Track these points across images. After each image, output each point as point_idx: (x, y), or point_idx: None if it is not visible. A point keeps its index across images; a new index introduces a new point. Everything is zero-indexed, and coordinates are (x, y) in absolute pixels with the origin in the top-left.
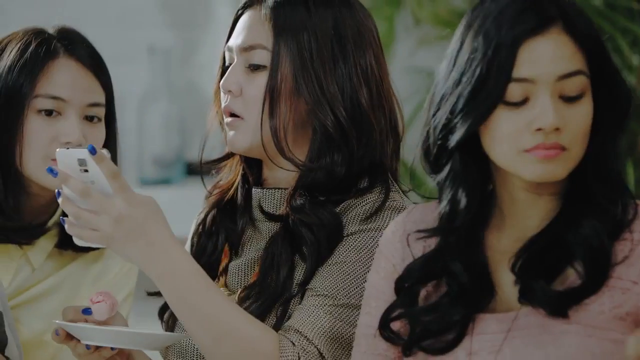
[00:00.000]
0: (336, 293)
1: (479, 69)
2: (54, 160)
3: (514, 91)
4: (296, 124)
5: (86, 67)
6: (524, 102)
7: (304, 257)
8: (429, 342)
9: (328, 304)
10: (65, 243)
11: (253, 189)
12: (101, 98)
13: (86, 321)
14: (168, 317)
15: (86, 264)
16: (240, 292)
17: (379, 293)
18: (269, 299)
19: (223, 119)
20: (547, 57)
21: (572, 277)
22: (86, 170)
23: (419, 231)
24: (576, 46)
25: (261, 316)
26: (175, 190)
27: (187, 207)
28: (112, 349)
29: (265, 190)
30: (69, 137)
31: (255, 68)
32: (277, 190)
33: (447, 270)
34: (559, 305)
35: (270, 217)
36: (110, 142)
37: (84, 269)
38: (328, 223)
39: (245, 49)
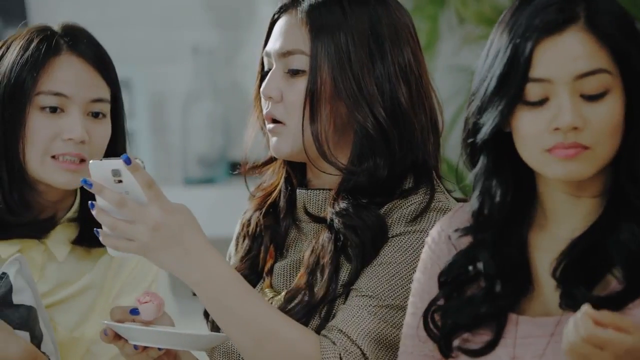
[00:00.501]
0: (381, 294)
1: (499, 68)
2: (56, 160)
3: (532, 91)
4: (337, 127)
5: (89, 63)
6: (543, 101)
7: (349, 258)
8: (464, 341)
9: (372, 305)
10: (85, 239)
11: (297, 190)
12: (105, 94)
13: (133, 321)
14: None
15: (108, 258)
16: (286, 294)
17: (425, 294)
18: (313, 300)
19: (264, 124)
20: (563, 56)
21: (613, 282)
22: (120, 181)
23: (455, 230)
24: (598, 44)
25: (306, 317)
26: (219, 189)
27: (231, 206)
28: (159, 349)
29: (309, 191)
30: (71, 134)
31: (294, 73)
32: (321, 191)
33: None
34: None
35: (314, 218)
36: (119, 139)
37: (107, 263)
38: (372, 225)
39: (284, 54)
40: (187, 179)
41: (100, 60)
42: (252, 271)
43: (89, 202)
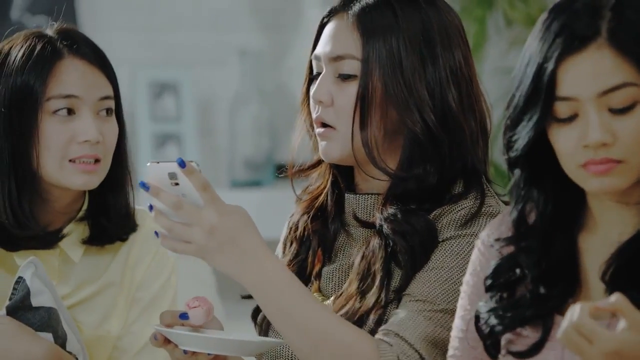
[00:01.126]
0: (435, 298)
1: (525, 87)
2: (74, 163)
3: (561, 109)
4: (387, 132)
5: (92, 63)
6: (573, 118)
7: (399, 263)
8: (511, 342)
9: (427, 310)
10: (96, 237)
11: (346, 195)
12: (110, 91)
13: (182, 325)
14: (261, 320)
15: (123, 254)
16: (335, 298)
17: (474, 296)
18: (365, 307)
19: (312, 128)
20: (586, 74)
21: None
22: (177, 184)
23: (497, 240)
24: (621, 57)
25: (358, 323)
26: (266, 192)
27: (277, 208)
28: (208, 354)
29: (358, 196)
30: (86, 136)
31: (345, 78)
32: (370, 196)
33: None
34: None
35: (363, 224)
36: (123, 135)
37: (124, 258)
38: (421, 230)
39: (335, 58)
40: (234, 182)
41: (101, 60)
42: (300, 275)
43: (148, 205)
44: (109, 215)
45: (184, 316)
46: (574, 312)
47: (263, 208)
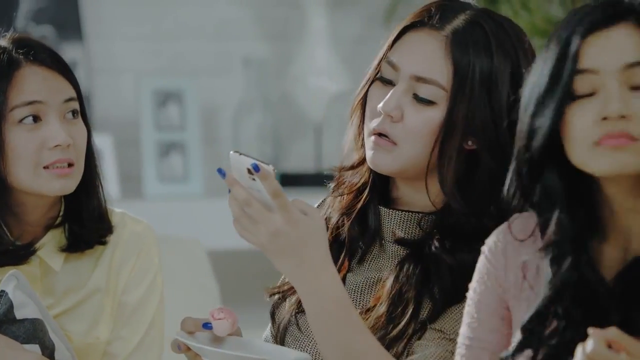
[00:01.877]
0: None
1: (549, 66)
2: (48, 169)
3: (580, 84)
4: (457, 165)
5: (51, 68)
6: (591, 94)
7: (432, 295)
8: None
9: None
10: (73, 245)
11: (384, 209)
12: (73, 93)
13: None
14: (280, 321)
15: (106, 258)
16: (361, 313)
17: (481, 304)
18: (392, 335)
19: (361, 131)
20: (611, 47)
21: None
22: (254, 179)
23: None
24: None
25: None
26: None
27: None
28: None
29: (397, 212)
30: (56, 140)
31: (425, 102)
32: (408, 213)
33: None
34: None
35: (400, 242)
36: (88, 138)
37: (107, 263)
38: (468, 268)
39: (419, 79)
40: None
41: (59, 63)
42: None
43: (219, 170)
44: (81, 221)
45: (207, 326)
46: (588, 342)
47: None
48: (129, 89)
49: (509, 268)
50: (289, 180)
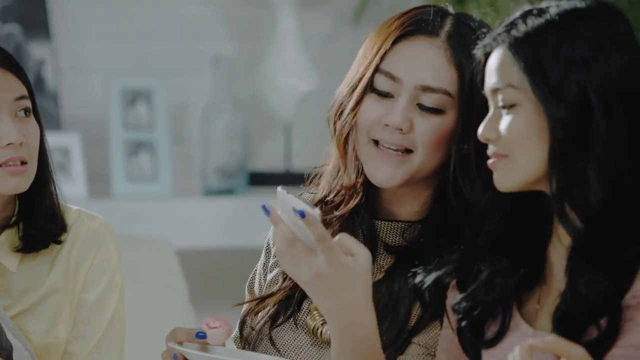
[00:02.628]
0: None
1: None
2: (2, 167)
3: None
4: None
5: (1, 66)
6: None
7: (424, 302)
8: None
9: None
10: (27, 245)
11: (378, 222)
12: (24, 91)
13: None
14: (248, 334)
15: (63, 257)
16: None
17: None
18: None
19: (360, 140)
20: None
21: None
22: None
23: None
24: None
25: None
26: (239, 200)
27: (250, 217)
28: None
29: (386, 223)
30: (9, 138)
31: (432, 111)
32: (396, 223)
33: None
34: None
35: (393, 249)
36: (40, 136)
37: (65, 262)
38: None
39: (426, 88)
40: (207, 190)
41: (9, 62)
42: (295, 287)
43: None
44: (34, 220)
45: (201, 335)
46: (515, 354)
47: (236, 216)
48: (97, 88)
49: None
50: (258, 179)
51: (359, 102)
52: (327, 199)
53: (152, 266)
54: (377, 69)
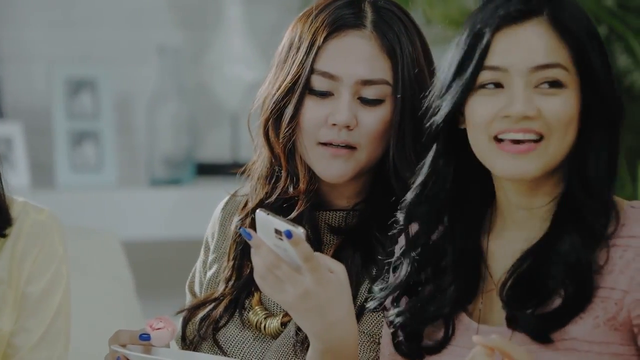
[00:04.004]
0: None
1: (457, 57)
2: None
3: (487, 78)
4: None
5: None
6: (498, 87)
7: (371, 277)
8: (418, 343)
9: None
10: None
11: (318, 213)
12: None
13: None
14: (193, 336)
15: (8, 250)
16: (284, 316)
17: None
18: None
19: (307, 143)
20: (522, 46)
21: (558, 298)
22: (280, 238)
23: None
24: (559, 38)
25: None
26: (185, 190)
27: (196, 207)
28: None
29: (329, 212)
30: None
31: (374, 103)
32: (337, 212)
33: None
34: (543, 333)
35: (338, 231)
36: None
37: (9, 254)
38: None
39: (366, 82)
40: (153, 180)
41: None
42: (243, 286)
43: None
44: None
45: (145, 337)
46: (472, 355)
47: (182, 206)
48: (41, 77)
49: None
50: (205, 169)
51: (299, 105)
52: (267, 202)
53: (97, 257)
54: (312, 70)
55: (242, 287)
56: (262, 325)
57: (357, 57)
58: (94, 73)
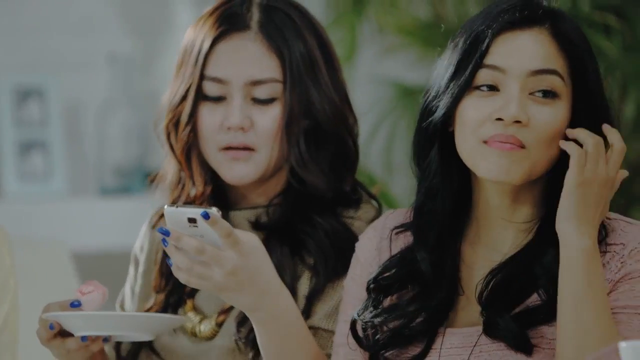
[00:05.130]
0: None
1: (456, 56)
2: None
3: (484, 78)
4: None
5: None
6: (492, 90)
7: (311, 267)
8: (393, 352)
9: None
10: None
11: (231, 213)
12: None
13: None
14: (127, 354)
15: None
16: (219, 316)
17: (355, 300)
18: None
19: (208, 149)
20: (523, 50)
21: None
22: (195, 226)
23: (396, 227)
24: (558, 48)
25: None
26: (135, 199)
27: (147, 216)
28: (104, 340)
29: (244, 211)
30: None
31: (266, 102)
32: (252, 209)
33: (415, 267)
34: (523, 342)
35: (261, 226)
36: None
37: None
38: (342, 230)
39: (255, 82)
40: (103, 189)
41: None
42: (176, 292)
43: (167, 259)
44: None
45: (76, 304)
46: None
47: (133, 215)
48: None
49: (382, 263)
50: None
51: (193, 112)
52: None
53: (46, 269)
54: (202, 77)
55: (170, 293)
56: (197, 329)
57: (244, 58)
58: (42, 81)
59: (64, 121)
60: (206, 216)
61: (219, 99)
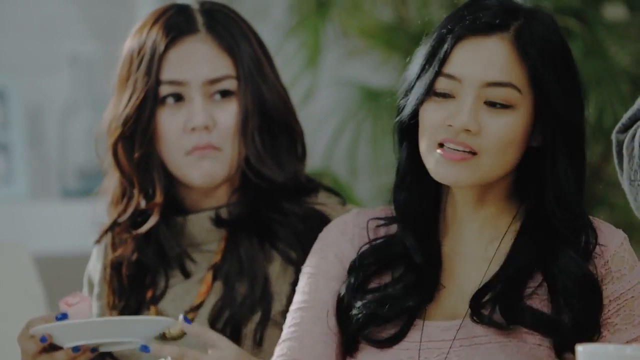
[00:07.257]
0: None
1: (421, 58)
2: None
3: (441, 86)
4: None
5: None
6: (449, 97)
7: (281, 252)
8: (372, 331)
9: None
10: None
11: (183, 218)
12: None
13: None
14: None
15: None
16: (187, 314)
17: (330, 282)
18: (240, 314)
19: (171, 153)
20: (480, 59)
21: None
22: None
23: (378, 218)
24: (519, 59)
25: (235, 334)
26: (98, 202)
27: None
28: (91, 351)
29: (201, 213)
30: None
31: (224, 99)
32: (210, 210)
33: (402, 253)
34: (512, 315)
35: (225, 222)
36: None
37: None
38: (314, 216)
39: (212, 82)
40: (65, 192)
41: None
42: (136, 300)
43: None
44: None
45: (61, 317)
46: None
47: (95, 218)
48: None
49: (353, 254)
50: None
51: (152, 119)
52: (120, 219)
53: (6, 272)
54: (159, 82)
55: (125, 308)
56: (166, 330)
57: (198, 59)
58: (3, 83)
59: (25, 123)
60: (187, 321)
61: (177, 101)
